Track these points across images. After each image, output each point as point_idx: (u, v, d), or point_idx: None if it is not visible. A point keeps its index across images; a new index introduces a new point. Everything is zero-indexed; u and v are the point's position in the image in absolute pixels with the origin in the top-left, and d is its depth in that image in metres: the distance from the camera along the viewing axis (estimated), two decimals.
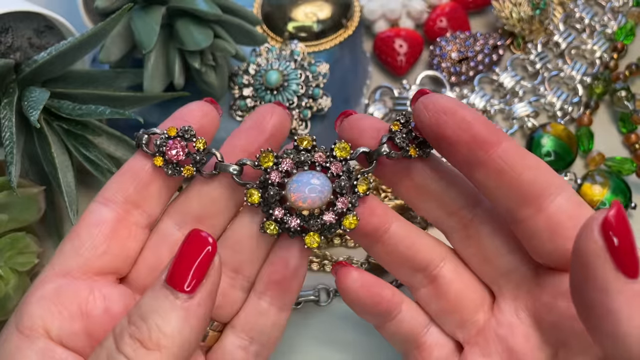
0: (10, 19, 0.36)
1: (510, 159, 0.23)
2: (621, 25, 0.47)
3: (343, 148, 0.26)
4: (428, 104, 0.24)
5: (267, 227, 0.26)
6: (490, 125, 0.24)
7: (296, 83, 0.40)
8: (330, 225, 0.26)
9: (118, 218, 0.26)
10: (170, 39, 0.37)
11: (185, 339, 0.22)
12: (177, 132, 0.26)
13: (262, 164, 0.26)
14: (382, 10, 0.46)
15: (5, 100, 0.33)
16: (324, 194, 0.25)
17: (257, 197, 0.26)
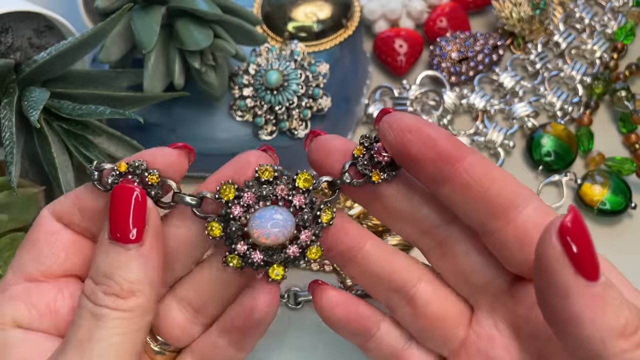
0: (10, 19, 0.36)
1: (476, 173, 0.24)
2: (621, 25, 0.47)
3: (305, 179, 0.25)
4: (392, 122, 0.24)
5: (230, 261, 0.26)
6: (455, 141, 0.24)
7: (296, 83, 0.40)
8: (294, 258, 0.26)
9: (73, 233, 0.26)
10: (170, 39, 0.37)
11: (152, 279, 0.24)
12: (128, 167, 0.25)
13: (222, 197, 0.25)
14: (382, 10, 0.46)
15: (5, 100, 0.33)
16: (287, 229, 0.25)
17: (218, 230, 0.25)
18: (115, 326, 0.23)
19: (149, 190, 0.25)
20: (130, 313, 0.24)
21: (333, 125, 0.42)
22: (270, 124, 0.41)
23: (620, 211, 0.40)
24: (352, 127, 0.43)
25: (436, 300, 0.27)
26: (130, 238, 0.24)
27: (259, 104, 0.41)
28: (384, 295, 0.28)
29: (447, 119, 0.44)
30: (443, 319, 0.27)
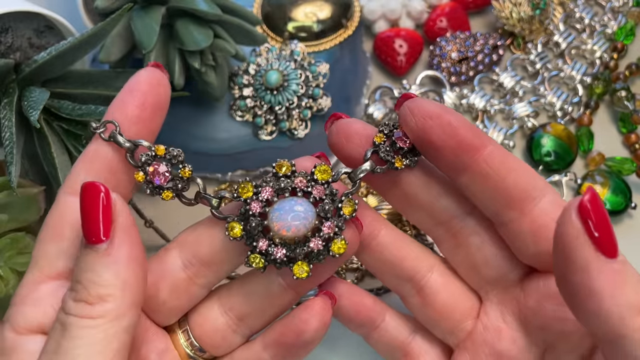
0: (10, 19, 0.36)
1: (495, 163, 0.24)
2: (621, 25, 0.47)
3: (324, 171, 0.25)
4: (414, 108, 0.24)
5: (253, 261, 0.25)
6: (475, 130, 0.24)
7: (296, 83, 0.40)
8: (318, 253, 0.25)
9: None
10: (170, 39, 0.37)
11: (124, 280, 0.22)
12: (165, 153, 0.25)
13: (241, 195, 0.25)
14: (382, 10, 0.46)
15: (5, 100, 0.33)
16: (308, 220, 0.24)
17: (238, 230, 0.25)
18: (80, 336, 0.22)
19: (177, 182, 0.25)
20: (100, 320, 0.22)
21: None
22: (270, 124, 0.41)
23: (621, 211, 0.40)
24: None
25: (445, 292, 0.27)
26: (98, 238, 0.22)
27: (259, 104, 0.41)
28: (394, 282, 0.28)
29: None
30: (451, 310, 0.27)
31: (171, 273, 0.27)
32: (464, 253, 0.27)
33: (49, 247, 0.25)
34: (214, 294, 0.28)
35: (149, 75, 0.26)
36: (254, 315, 0.28)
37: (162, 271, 0.27)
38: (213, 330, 0.28)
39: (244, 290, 0.28)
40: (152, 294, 0.27)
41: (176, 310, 0.28)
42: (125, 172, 0.26)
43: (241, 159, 0.41)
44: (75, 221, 0.24)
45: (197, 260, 0.26)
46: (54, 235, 0.25)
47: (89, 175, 0.25)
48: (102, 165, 0.25)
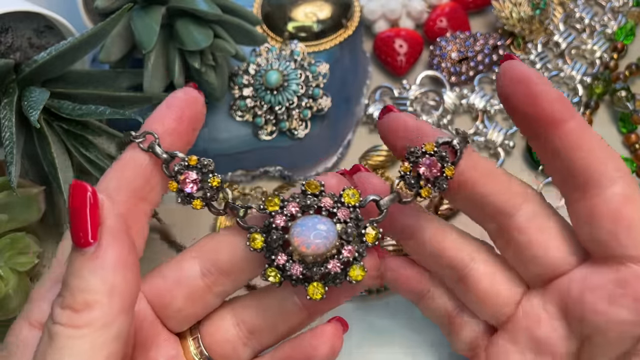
0: (10, 19, 0.36)
1: (569, 142, 0.24)
2: (621, 25, 0.47)
3: (352, 195, 0.25)
4: (506, 70, 0.24)
5: (269, 275, 0.25)
6: (561, 103, 0.24)
7: (296, 83, 0.40)
8: (335, 275, 0.24)
9: (127, 213, 0.26)
10: (170, 39, 0.37)
11: (111, 285, 0.21)
12: (197, 163, 0.26)
13: (267, 208, 0.25)
14: (382, 10, 0.46)
15: (5, 100, 0.33)
16: (329, 240, 0.24)
17: (260, 242, 0.25)
18: (66, 346, 0.21)
19: (206, 191, 0.25)
20: (86, 329, 0.21)
21: (333, 125, 0.42)
22: (270, 124, 0.41)
23: None
24: (352, 127, 0.43)
25: (487, 280, 0.28)
26: (86, 240, 0.22)
27: (259, 104, 0.41)
28: (437, 270, 0.29)
29: (447, 119, 0.44)
30: (493, 297, 0.28)
31: (189, 280, 0.27)
32: (512, 249, 0.27)
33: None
34: (227, 304, 0.28)
35: (187, 93, 0.27)
36: (266, 331, 0.27)
37: (180, 277, 0.27)
38: (224, 340, 0.28)
39: (258, 304, 0.27)
40: (167, 300, 0.27)
41: (190, 318, 0.28)
42: (158, 181, 0.26)
43: (241, 159, 0.41)
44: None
45: (216, 268, 0.26)
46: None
47: (121, 181, 0.26)
48: (135, 172, 0.26)
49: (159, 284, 0.27)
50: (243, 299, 0.28)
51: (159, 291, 0.27)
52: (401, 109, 0.43)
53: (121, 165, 0.26)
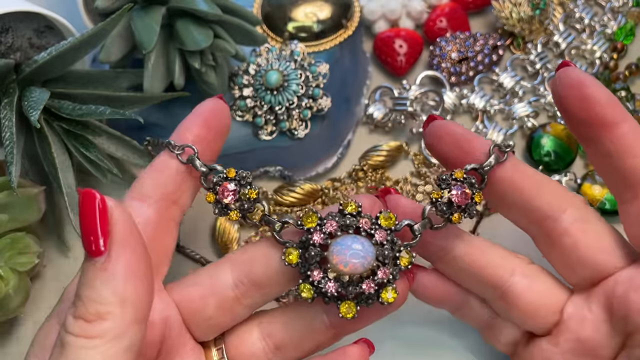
0: (10, 19, 0.36)
1: (621, 145, 0.24)
2: (621, 25, 0.47)
3: (388, 218, 0.25)
4: (561, 76, 0.25)
5: (302, 290, 0.25)
6: (613, 106, 0.24)
7: (296, 83, 0.40)
8: (368, 296, 0.25)
9: (159, 215, 0.26)
10: (170, 39, 0.37)
11: (123, 296, 0.21)
12: (235, 175, 0.26)
13: (304, 224, 0.25)
14: (382, 10, 0.46)
15: (6, 100, 0.33)
16: (367, 260, 0.24)
17: (295, 256, 0.25)
18: (77, 357, 0.21)
19: (244, 202, 0.26)
20: (98, 340, 0.21)
21: (333, 125, 0.42)
22: (270, 124, 0.41)
23: None
24: (352, 127, 0.43)
25: (529, 293, 0.27)
26: (97, 249, 0.21)
27: (259, 104, 0.41)
28: (476, 289, 0.29)
29: (447, 119, 0.44)
30: (536, 309, 0.28)
31: (221, 290, 0.27)
32: (558, 252, 0.27)
33: None
34: (255, 317, 0.28)
35: (214, 104, 0.29)
36: (292, 347, 0.28)
37: (212, 286, 0.27)
38: (249, 353, 0.28)
39: (287, 319, 0.28)
40: (199, 308, 0.27)
41: (218, 327, 0.28)
42: (189, 186, 0.27)
43: (241, 159, 0.41)
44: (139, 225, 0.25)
45: (249, 280, 0.27)
46: None
47: (155, 183, 0.27)
48: (168, 177, 0.27)
49: (192, 291, 0.27)
50: (271, 313, 0.28)
51: (191, 298, 0.27)
52: (401, 109, 0.43)
53: (155, 169, 0.27)
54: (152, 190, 0.27)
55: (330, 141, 0.42)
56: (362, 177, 0.42)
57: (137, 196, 0.27)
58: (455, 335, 0.36)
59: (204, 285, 0.27)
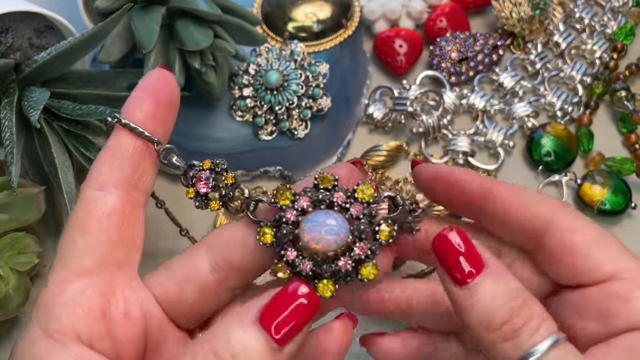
0: (10, 19, 0.36)
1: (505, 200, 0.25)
2: (621, 25, 0.47)
3: (366, 190, 0.24)
4: (419, 173, 0.27)
5: (278, 270, 0.24)
6: (479, 177, 0.25)
7: (296, 83, 0.40)
8: (345, 273, 0.24)
9: (123, 203, 0.25)
10: (170, 39, 0.37)
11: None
12: (210, 165, 0.26)
13: (278, 201, 0.24)
14: (382, 10, 0.46)
15: (6, 100, 0.33)
16: (340, 236, 0.23)
17: (270, 236, 0.24)
18: None
19: (222, 189, 0.25)
20: None
21: (333, 125, 0.42)
22: (270, 124, 0.41)
23: (620, 211, 0.40)
24: (352, 127, 0.43)
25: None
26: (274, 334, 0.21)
27: (259, 104, 0.41)
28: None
29: (447, 119, 0.44)
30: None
31: (199, 276, 0.26)
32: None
33: (76, 244, 0.24)
34: (239, 299, 0.28)
35: (159, 75, 0.27)
36: None
37: (190, 273, 0.26)
38: None
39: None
40: (178, 296, 0.26)
41: (201, 314, 0.27)
42: (146, 166, 0.26)
43: (241, 159, 0.41)
44: (102, 216, 0.24)
45: (227, 264, 0.26)
46: (81, 231, 0.24)
47: (111, 169, 0.25)
48: (125, 159, 0.25)
49: (170, 280, 0.26)
50: (254, 293, 0.27)
51: (169, 287, 0.26)
52: (401, 109, 0.43)
53: (109, 152, 0.25)
54: (110, 176, 0.25)
55: (330, 141, 0.42)
56: None
57: (96, 185, 0.25)
58: None
59: (181, 272, 0.26)
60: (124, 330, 0.24)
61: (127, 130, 0.25)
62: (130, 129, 0.25)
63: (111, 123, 0.26)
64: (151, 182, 0.27)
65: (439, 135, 0.43)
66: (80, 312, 0.23)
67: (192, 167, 0.26)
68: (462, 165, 0.42)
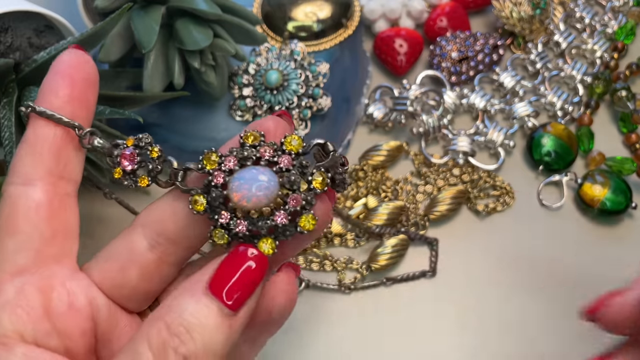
0: (10, 19, 0.36)
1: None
2: (621, 24, 0.47)
3: (294, 141, 0.23)
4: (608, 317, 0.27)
5: (216, 236, 0.23)
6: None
7: (296, 83, 0.40)
8: (284, 228, 0.23)
9: (50, 195, 0.24)
10: (170, 38, 0.37)
11: (223, 357, 0.21)
12: (134, 141, 0.24)
13: (205, 166, 0.23)
14: (382, 10, 0.46)
15: (5, 100, 0.33)
16: (269, 190, 0.22)
17: (202, 204, 0.23)
18: None
19: (148, 163, 0.24)
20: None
21: (333, 125, 0.42)
22: None
23: (621, 211, 0.40)
24: (352, 127, 0.43)
25: None
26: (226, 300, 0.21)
27: (259, 104, 0.41)
28: None
29: (447, 119, 0.44)
30: None
31: (139, 256, 0.25)
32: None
33: (6, 243, 0.23)
34: (183, 272, 0.27)
35: (72, 56, 0.25)
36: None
37: (129, 255, 0.25)
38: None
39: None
40: (121, 281, 0.25)
41: (149, 294, 0.26)
42: (69, 155, 0.25)
43: None
44: (29, 211, 0.24)
45: (164, 238, 0.25)
46: (9, 230, 0.23)
47: (33, 161, 0.24)
48: (45, 149, 0.24)
49: (110, 266, 0.25)
50: (200, 264, 0.27)
51: (110, 273, 0.25)
52: (401, 109, 0.43)
53: (28, 144, 0.24)
54: (32, 169, 0.24)
55: (330, 141, 0.42)
56: (362, 177, 0.42)
57: (19, 180, 0.24)
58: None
59: (121, 256, 0.25)
60: (71, 323, 0.23)
61: (44, 118, 0.24)
62: (47, 117, 0.24)
63: (25, 113, 0.24)
64: (79, 169, 0.25)
65: (439, 135, 0.43)
66: (20, 313, 0.22)
67: (117, 147, 0.25)
68: (462, 165, 0.42)
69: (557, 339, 0.37)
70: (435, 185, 0.42)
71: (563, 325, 0.37)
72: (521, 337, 0.37)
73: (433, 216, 0.40)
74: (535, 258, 0.39)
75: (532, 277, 0.39)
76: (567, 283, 0.38)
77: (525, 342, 0.37)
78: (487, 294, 0.38)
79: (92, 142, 0.25)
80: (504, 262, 0.39)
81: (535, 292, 0.38)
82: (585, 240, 0.40)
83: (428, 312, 0.38)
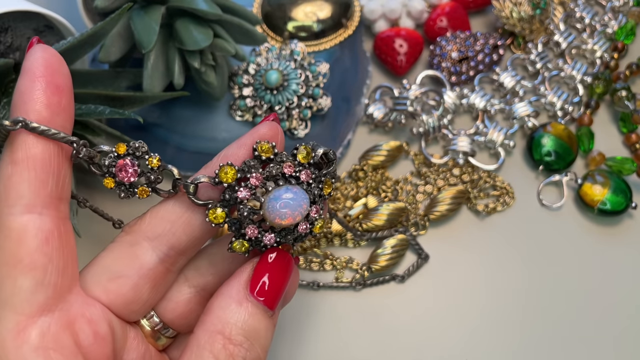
0: (10, 19, 0.36)
1: None
2: (621, 24, 0.47)
3: (304, 152, 0.24)
4: None
5: (236, 247, 0.24)
6: None
7: (296, 83, 0.40)
8: (304, 235, 0.25)
9: (56, 221, 0.22)
10: (170, 38, 0.37)
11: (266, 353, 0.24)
12: (127, 149, 0.23)
13: (222, 180, 0.23)
14: (382, 10, 0.46)
15: (5, 100, 0.33)
16: (303, 207, 0.24)
17: (221, 217, 0.24)
18: None
19: (148, 174, 0.24)
20: None
21: (333, 125, 0.42)
22: None
23: (621, 211, 0.40)
24: (352, 126, 0.43)
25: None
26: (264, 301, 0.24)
27: (259, 104, 0.41)
28: None
29: (447, 119, 0.44)
30: None
31: (150, 271, 0.25)
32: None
33: (20, 283, 0.21)
34: (182, 276, 0.27)
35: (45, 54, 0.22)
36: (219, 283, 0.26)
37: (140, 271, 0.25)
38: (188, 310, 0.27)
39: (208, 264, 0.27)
40: (133, 298, 0.25)
41: (153, 304, 0.27)
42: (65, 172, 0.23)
43: None
44: (41, 245, 0.21)
45: (175, 251, 0.25)
46: (22, 268, 0.21)
47: (36, 187, 0.21)
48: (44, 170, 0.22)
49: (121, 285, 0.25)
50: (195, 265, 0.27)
51: (123, 292, 0.25)
52: (401, 109, 0.43)
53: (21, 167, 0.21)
54: (32, 195, 0.21)
55: (330, 141, 0.42)
56: (362, 177, 0.42)
57: (20, 209, 0.21)
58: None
59: (131, 273, 0.25)
60: (99, 352, 0.23)
61: (34, 134, 0.21)
62: (40, 133, 0.21)
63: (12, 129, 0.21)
64: (69, 187, 0.23)
65: (439, 135, 0.43)
66: (54, 355, 0.21)
67: (104, 154, 0.24)
68: (462, 165, 0.42)
69: (558, 338, 0.37)
70: (435, 185, 0.42)
71: (563, 325, 0.37)
72: (521, 336, 0.37)
73: (433, 216, 0.40)
74: (535, 258, 0.39)
75: (532, 277, 0.39)
76: (567, 283, 0.38)
77: (525, 341, 0.37)
78: (487, 293, 0.38)
79: (81, 153, 0.23)
80: (504, 262, 0.39)
81: (535, 292, 0.38)
82: (585, 240, 0.40)
83: (428, 311, 0.38)
